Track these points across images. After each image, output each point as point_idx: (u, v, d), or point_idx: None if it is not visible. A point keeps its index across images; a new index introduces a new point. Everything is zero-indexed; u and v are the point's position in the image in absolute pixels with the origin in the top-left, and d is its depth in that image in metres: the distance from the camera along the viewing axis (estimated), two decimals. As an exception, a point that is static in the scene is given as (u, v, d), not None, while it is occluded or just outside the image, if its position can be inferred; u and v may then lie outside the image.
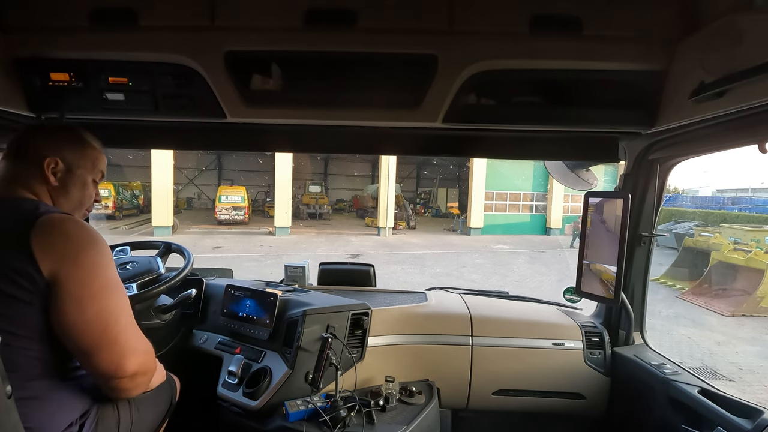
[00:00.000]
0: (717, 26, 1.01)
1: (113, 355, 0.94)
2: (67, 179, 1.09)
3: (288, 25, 1.19)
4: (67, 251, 0.92)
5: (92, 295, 0.93)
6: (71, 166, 1.09)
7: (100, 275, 0.95)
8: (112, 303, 0.95)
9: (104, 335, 0.93)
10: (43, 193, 1.05)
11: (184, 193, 27.50)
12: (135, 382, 1.00)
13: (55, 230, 0.93)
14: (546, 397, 1.83)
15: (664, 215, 15.28)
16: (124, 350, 0.95)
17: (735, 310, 7.55)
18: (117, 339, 0.95)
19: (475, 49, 1.20)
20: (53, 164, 1.06)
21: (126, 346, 0.96)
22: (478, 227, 18.96)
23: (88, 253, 0.95)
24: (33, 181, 1.04)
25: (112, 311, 0.95)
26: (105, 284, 0.95)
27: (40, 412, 0.92)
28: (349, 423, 1.41)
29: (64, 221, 0.96)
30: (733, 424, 1.26)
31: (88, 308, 0.92)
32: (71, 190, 1.10)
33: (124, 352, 0.95)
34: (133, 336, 0.99)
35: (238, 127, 1.47)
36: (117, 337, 0.95)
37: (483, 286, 8.31)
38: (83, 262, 0.93)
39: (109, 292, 0.96)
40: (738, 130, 1.16)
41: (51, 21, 1.21)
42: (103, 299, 0.94)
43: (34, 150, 1.06)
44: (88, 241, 0.96)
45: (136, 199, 21.85)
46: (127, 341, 0.97)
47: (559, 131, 1.46)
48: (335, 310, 1.63)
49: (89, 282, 0.93)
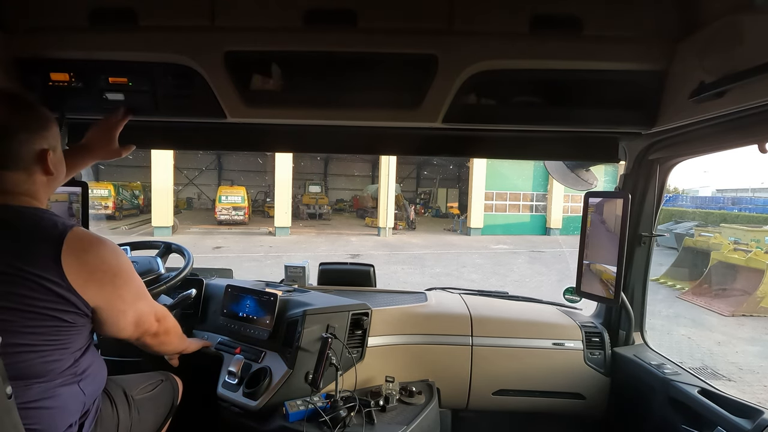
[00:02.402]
0: (717, 26, 1.01)
1: (147, 323, 1.16)
2: (57, 163, 1.01)
3: (288, 25, 1.19)
4: (100, 276, 0.98)
5: (129, 305, 1.07)
6: (55, 146, 1.01)
7: (132, 284, 1.07)
8: (142, 298, 1.12)
9: (143, 317, 1.14)
10: (41, 190, 0.99)
11: (184, 194, 27.50)
12: (159, 340, 1.25)
13: (80, 248, 0.94)
14: (546, 397, 1.83)
15: (664, 215, 15.29)
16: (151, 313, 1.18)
17: (735, 310, 7.54)
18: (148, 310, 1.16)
19: (475, 49, 1.20)
20: (51, 153, 0.98)
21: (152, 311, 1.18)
22: (478, 227, 18.95)
23: (117, 277, 1.02)
24: (31, 183, 0.96)
25: (144, 303, 1.13)
26: (136, 290, 1.09)
27: (41, 413, 0.92)
28: (349, 423, 1.41)
29: (84, 237, 0.96)
30: (733, 424, 1.26)
31: (127, 313, 1.08)
32: (60, 171, 1.04)
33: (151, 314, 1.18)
34: (156, 310, 1.20)
35: (238, 127, 1.47)
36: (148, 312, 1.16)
37: (483, 286, 8.32)
38: (117, 282, 1.02)
39: (141, 293, 1.11)
40: (738, 130, 1.16)
41: (51, 21, 1.21)
42: (138, 301, 1.10)
43: (26, 147, 0.94)
44: (113, 254, 1.01)
45: (136, 199, 21.85)
46: (154, 309, 1.19)
47: (559, 131, 1.46)
48: (335, 310, 1.63)
49: (126, 295, 1.06)
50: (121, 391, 1.23)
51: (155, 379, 1.41)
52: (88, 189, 1.70)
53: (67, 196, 1.68)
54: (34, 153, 0.95)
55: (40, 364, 0.91)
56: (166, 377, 1.46)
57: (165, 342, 1.28)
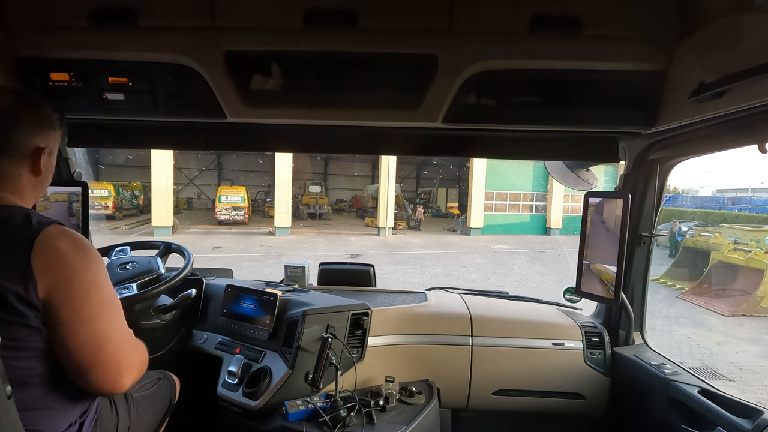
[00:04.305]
0: (717, 26, 1.01)
1: (108, 374, 0.93)
2: (48, 166, 0.98)
3: (288, 25, 1.19)
4: (63, 272, 0.87)
5: (84, 319, 0.89)
6: (52, 150, 0.99)
7: (93, 297, 0.91)
8: (105, 323, 0.92)
9: (98, 356, 0.91)
10: (27, 189, 0.96)
11: (184, 193, 27.50)
12: (128, 387, 0.99)
13: (50, 249, 0.86)
14: (546, 397, 1.83)
15: (664, 215, 15.27)
16: (119, 368, 0.94)
17: (735, 310, 7.55)
18: (111, 359, 0.93)
19: (475, 49, 1.20)
20: (45, 154, 0.95)
21: (120, 364, 0.94)
22: (478, 227, 18.95)
23: (84, 275, 0.89)
24: (18, 179, 0.93)
25: (106, 332, 0.92)
26: (98, 305, 0.92)
27: (40, 414, 0.92)
28: (349, 423, 1.41)
29: (59, 237, 0.88)
30: (733, 424, 1.26)
31: (80, 332, 0.88)
32: (47, 176, 1.00)
33: (119, 370, 0.94)
34: (128, 352, 0.97)
35: (238, 127, 1.47)
36: (111, 357, 0.93)
37: (483, 286, 8.32)
38: (77, 285, 0.88)
39: (102, 313, 0.92)
40: (738, 130, 1.16)
41: (51, 21, 1.21)
42: (96, 321, 0.90)
43: (24, 139, 0.92)
44: (82, 260, 0.90)
45: (136, 199, 21.85)
46: (121, 360, 0.95)
47: (559, 131, 1.46)
48: (335, 310, 1.63)
49: (81, 307, 0.89)
50: None
51: (153, 377, 1.41)
52: (88, 189, 1.70)
53: (66, 196, 1.68)
54: (31, 147, 0.94)
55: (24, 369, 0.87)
56: (163, 375, 1.46)
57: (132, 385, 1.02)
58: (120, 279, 1.61)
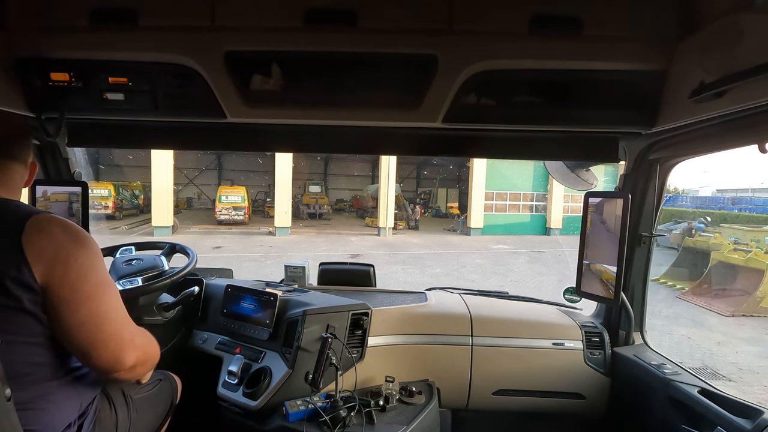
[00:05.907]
0: (717, 26, 1.01)
1: (109, 351, 0.96)
2: (28, 181, 1.12)
3: (288, 25, 1.19)
4: (57, 255, 0.91)
5: (83, 298, 0.93)
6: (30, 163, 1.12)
7: (91, 276, 0.96)
8: (103, 302, 0.97)
9: (99, 334, 0.95)
10: (18, 187, 1.07)
11: (184, 193, 27.49)
12: (134, 373, 1.04)
13: (44, 233, 0.91)
14: (546, 397, 1.83)
15: (664, 215, 15.27)
16: (120, 346, 0.98)
17: (735, 310, 7.54)
18: (112, 336, 0.97)
19: (475, 49, 1.20)
20: (36, 167, 1.12)
21: (122, 341, 0.98)
22: (478, 227, 18.95)
23: (78, 257, 0.94)
24: (17, 183, 1.06)
25: (105, 310, 0.96)
26: (96, 285, 0.96)
27: (39, 414, 0.92)
28: (349, 423, 1.41)
29: (49, 222, 0.94)
30: (733, 424, 1.26)
31: (80, 310, 0.93)
32: (27, 184, 1.12)
33: (121, 347, 0.98)
34: (128, 330, 1.01)
35: (238, 127, 1.47)
36: (111, 335, 0.97)
37: (483, 286, 8.32)
38: (73, 265, 0.93)
39: (100, 291, 0.96)
40: (738, 130, 1.16)
41: (51, 21, 1.21)
42: (94, 300, 0.95)
43: (26, 152, 1.07)
44: (77, 242, 0.95)
45: (136, 199, 21.84)
46: (122, 337, 0.99)
47: (559, 131, 1.46)
48: (335, 310, 1.63)
49: (80, 285, 0.93)
50: (120, 391, 1.23)
51: (154, 378, 1.40)
52: (88, 189, 1.70)
53: (67, 196, 1.68)
54: (29, 161, 1.10)
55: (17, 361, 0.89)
56: (164, 376, 1.46)
57: (139, 374, 1.10)
58: (125, 273, 1.63)
